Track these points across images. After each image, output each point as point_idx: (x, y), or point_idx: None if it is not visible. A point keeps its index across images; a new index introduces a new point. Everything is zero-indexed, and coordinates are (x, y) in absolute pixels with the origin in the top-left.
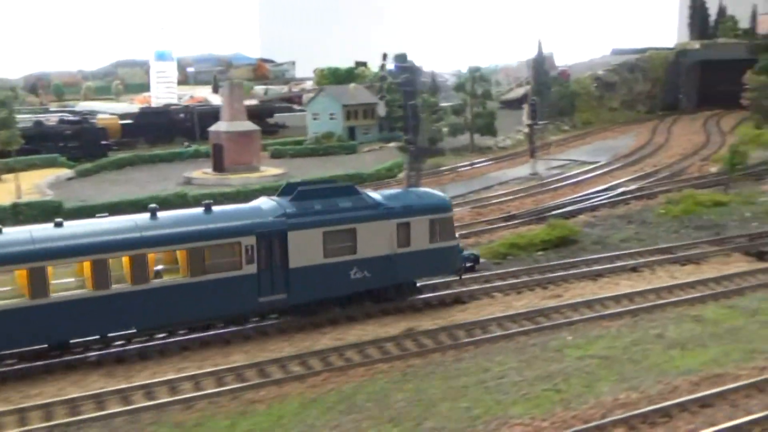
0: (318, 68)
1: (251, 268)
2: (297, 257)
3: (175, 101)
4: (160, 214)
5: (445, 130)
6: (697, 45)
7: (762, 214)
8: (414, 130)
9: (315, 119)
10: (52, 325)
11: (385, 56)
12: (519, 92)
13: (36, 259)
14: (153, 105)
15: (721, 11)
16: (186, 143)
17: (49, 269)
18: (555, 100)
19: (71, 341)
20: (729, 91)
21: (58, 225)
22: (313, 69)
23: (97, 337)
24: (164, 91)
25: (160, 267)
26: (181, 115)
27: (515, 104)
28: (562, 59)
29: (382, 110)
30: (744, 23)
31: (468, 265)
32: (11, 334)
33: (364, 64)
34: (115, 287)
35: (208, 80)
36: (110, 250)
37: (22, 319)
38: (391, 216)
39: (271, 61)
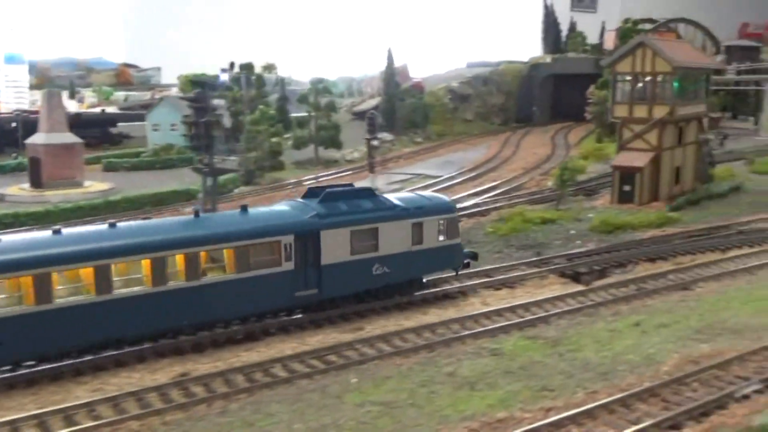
0: (182, 75)
1: (289, 265)
2: (328, 255)
3: (26, 107)
4: (202, 215)
5: (289, 143)
6: (548, 59)
7: (586, 232)
8: (207, 149)
9: (155, 130)
10: (114, 322)
11: (232, 65)
12: (371, 103)
13: (100, 257)
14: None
15: (572, 26)
16: (14, 154)
17: (112, 267)
18: (407, 112)
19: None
20: (578, 105)
21: (112, 226)
22: (177, 75)
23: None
24: (14, 97)
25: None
26: (13, 124)
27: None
28: (418, 71)
29: (228, 121)
30: (594, 38)
31: (466, 261)
32: (80, 330)
33: (270, 66)
34: (171, 284)
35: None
36: (167, 248)
37: (88, 316)
38: (407, 216)
39: (135, 66)
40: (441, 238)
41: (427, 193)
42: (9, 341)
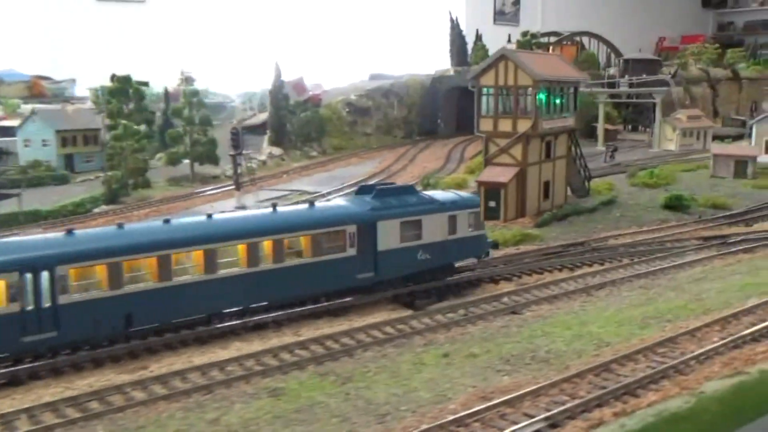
0: (92, 87)
1: (352, 251)
2: (383, 242)
3: None
4: (281, 210)
5: (161, 159)
6: (452, 71)
7: None
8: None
9: (27, 146)
10: (218, 297)
11: (112, 77)
12: (261, 118)
13: (208, 242)
14: None
15: (478, 38)
16: None
17: (218, 251)
18: (300, 125)
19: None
20: None
21: (210, 216)
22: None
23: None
24: None
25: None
26: None
27: (259, 130)
28: (317, 83)
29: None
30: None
31: (488, 250)
32: (192, 304)
33: (145, 83)
34: (262, 266)
35: None
36: (259, 235)
37: (198, 292)
38: (444, 210)
39: (49, 78)
40: (470, 229)
41: (455, 192)
42: (138, 313)
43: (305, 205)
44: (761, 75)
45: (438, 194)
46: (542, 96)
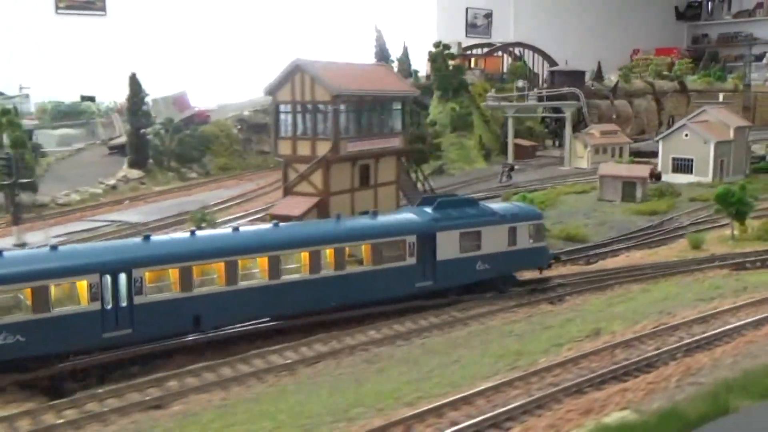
0: (40, 102)
1: (412, 260)
2: (442, 252)
3: None
4: (344, 220)
5: None
6: None
7: None
8: None
9: None
10: (281, 301)
11: None
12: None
13: (273, 249)
14: None
15: (405, 51)
16: None
17: (282, 258)
18: (175, 145)
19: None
20: None
21: (276, 224)
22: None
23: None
24: None
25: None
26: None
27: (125, 150)
28: (204, 99)
29: None
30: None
31: (551, 261)
32: (256, 306)
33: (91, 98)
34: (323, 272)
35: None
36: (321, 243)
37: (263, 295)
38: (504, 222)
39: (1, 94)
40: (530, 240)
41: (519, 204)
42: (206, 314)
43: (367, 217)
44: (711, 87)
45: (499, 206)
46: (354, 113)
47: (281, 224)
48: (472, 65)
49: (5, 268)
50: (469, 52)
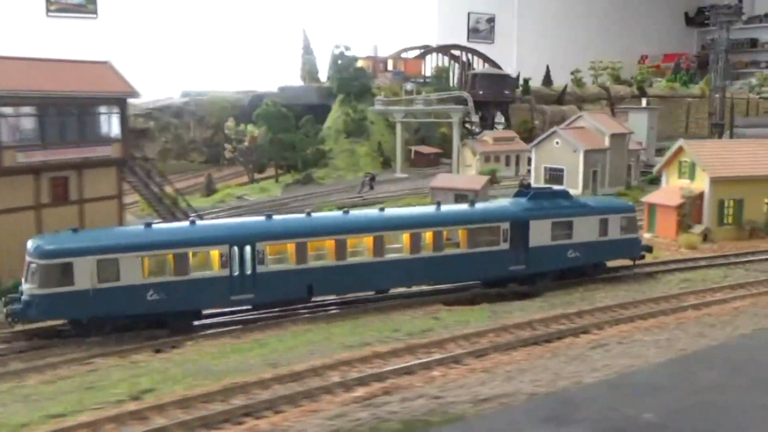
0: None
1: (505, 245)
2: (534, 239)
3: None
4: (443, 207)
5: None
6: (276, 88)
7: None
8: None
9: None
10: (384, 277)
11: None
12: None
13: (378, 230)
14: None
15: (308, 49)
16: None
17: (385, 238)
18: None
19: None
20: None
21: (382, 210)
22: None
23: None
24: None
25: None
26: None
27: None
28: None
29: None
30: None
31: (642, 253)
32: (362, 280)
33: None
34: (423, 253)
35: None
36: (421, 226)
37: (368, 271)
38: (595, 213)
39: None
40: (622, 232)
41: (612, 198)
42: (318, 284)
43: (465, 205)
44: (675, 93)
45: (591, 199)
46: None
47: (388, 208)
48: (390, 67)
49: (153, 237)
50: (404, 54)
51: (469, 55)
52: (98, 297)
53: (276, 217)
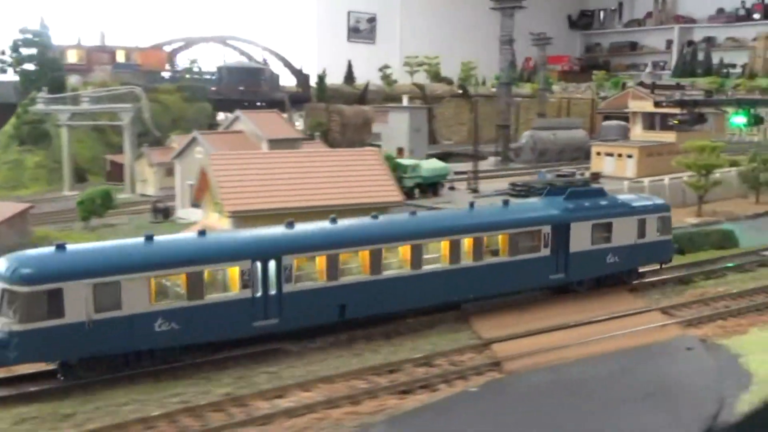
0: None
1: (546, 251)
2: (575, 244)
3: None
4: (476, 207)
5: None
6: None
7: None
8: None
9: None
10: (422, 291)
11: None
12: None
13: (416, 237)
14: None
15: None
16: None
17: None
18: None
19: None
20: None
21: (413, 214)
22: None
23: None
24: None
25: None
26: None
27: None
28: None
29: None
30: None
31: (672, 255)
32: (399, 296)
33: None
34: (463, 263)
35: None
36: (460, 233)
37: (406, 285)
38: (634, 213)
39: None
40: (658, 233)
41: (647, 195)
42: (351, 303)
43: (499, 204)
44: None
45: (629, 197)
46: None
47: (421, 212)
48: (121, 59)
49: (160, 253)
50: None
51: (261, 49)
52: (96, 331)
53: (299, 225)
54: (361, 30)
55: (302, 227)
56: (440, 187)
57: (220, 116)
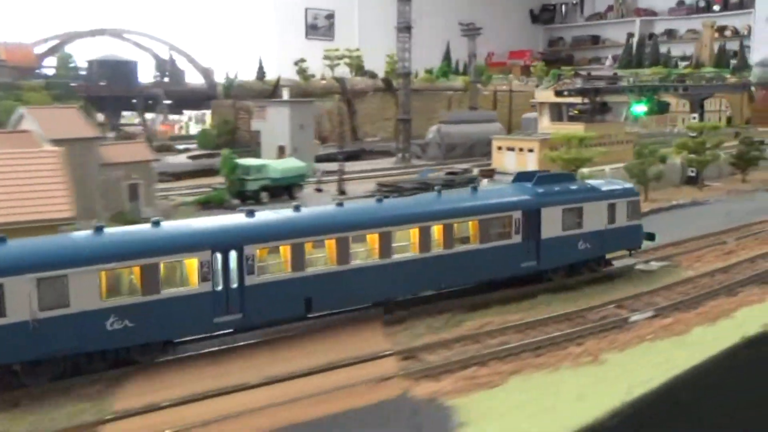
0: None
1: (518, 238)
2: (546, 230)
3: None
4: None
5: None
6: None
7: None
8: None
9: None
10: (392, 282)
11: None
12: None
13: (384, 225)
14: None
15: None
16: None
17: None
18: None
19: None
20: None
21: (380, 201)
22: None
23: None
24: None
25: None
26: None
27: None
28: None
29: None
30: None
31: (642, 242)
32: (369, 287)
33: None
34: (433, 251)
35: None
36: (430, 219)
37: (375, 275)
38: (604, 198)
39: None
40: (627, 219)
41: (614, 180)
42: (318, 297)
43: (468, 191)
44: (433, 86)
45: (597, 182)
46: None
47: (387, 199)
48: None
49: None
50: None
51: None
52: (41, 331)
53: (259, 213)
54: (320, 27)
55: (265, 215)
56: (299, 189)
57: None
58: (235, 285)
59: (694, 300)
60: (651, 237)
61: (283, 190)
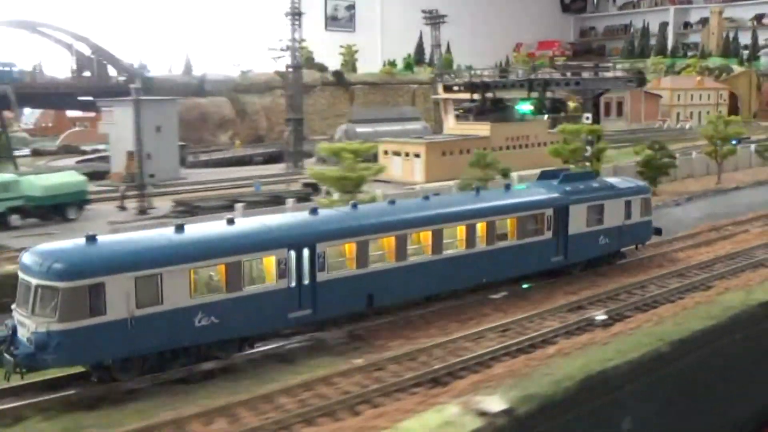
0: None
1: (549, 234)
2: (573, 226)
3: None
4: (483, 192)
5: None
6: None
7: None
8: None
9: None
10: (444, 275)
11: None
12: None
13: (435, 223)
14: None
15: None
16: None
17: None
18: None
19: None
20: None
21: (427, 198)
22: None
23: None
24: None
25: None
26: None
27: None
28: None
29: None
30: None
31: (651, 235)
32: (424, 281)
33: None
34: (478, 247)
35: None
36: (476, 216)
37: (428, 272)
38: (622, 195)
39: None
40: (640, 215)
41: (627, 178)
42: (379, 292)
43: (500, 189)
44: (392, 80)
45: (614, 180)
46: None
47: (434, 196)
48: None
49: (197, 243)
50: None
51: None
52: (137, 328)
53: (323, 210)
54: (340, 18)
55: (330, 213)
56: (77, 210)
57: None
58: (306, 281)
59: None
60: (659, 231)
61: (52, 210)
